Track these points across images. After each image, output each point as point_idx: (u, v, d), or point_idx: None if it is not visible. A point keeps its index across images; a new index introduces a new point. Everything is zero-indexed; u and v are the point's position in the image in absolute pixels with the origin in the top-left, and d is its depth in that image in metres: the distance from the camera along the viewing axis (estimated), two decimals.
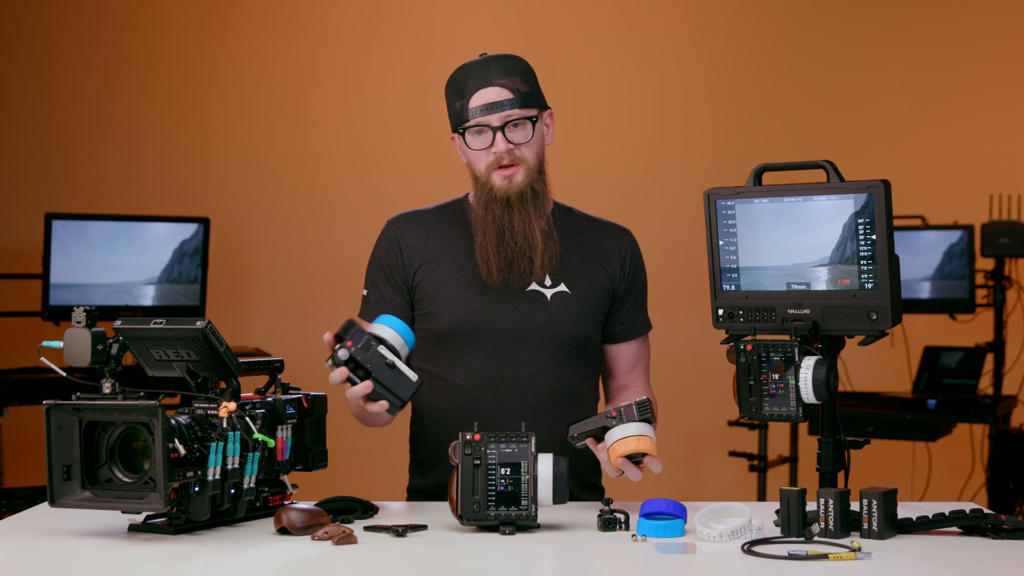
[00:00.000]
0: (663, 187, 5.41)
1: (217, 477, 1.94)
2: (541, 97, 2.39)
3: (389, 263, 2.44)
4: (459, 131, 2.36)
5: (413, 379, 2.07)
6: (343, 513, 2.08)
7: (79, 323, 1.96)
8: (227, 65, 5.49)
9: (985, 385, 4.70)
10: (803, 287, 2.00)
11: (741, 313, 2.05)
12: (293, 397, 2.17)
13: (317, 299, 5.35)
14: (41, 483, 2.38)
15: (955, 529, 1.97)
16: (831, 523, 1.93)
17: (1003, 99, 5.39)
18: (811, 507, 1.96)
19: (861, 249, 1.94)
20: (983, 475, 4.77)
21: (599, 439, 2.10)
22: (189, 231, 4.69)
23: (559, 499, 1.99)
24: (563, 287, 2.40)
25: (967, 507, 1.99)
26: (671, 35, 5.54)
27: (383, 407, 2.07)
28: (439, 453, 2.38)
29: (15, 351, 4.59)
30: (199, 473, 1.92)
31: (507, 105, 2.32)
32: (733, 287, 2.06)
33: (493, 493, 1.97)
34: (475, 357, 2.37)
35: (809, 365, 1.93)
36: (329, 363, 2.06)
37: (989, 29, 5.39)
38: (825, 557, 1.80)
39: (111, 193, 5.33)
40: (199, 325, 1.95)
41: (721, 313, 2.07)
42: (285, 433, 2.13)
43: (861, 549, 1.82)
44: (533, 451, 1.98)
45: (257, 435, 2.01)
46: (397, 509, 2.25)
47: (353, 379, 2.05)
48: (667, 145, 5.50)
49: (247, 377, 2.10)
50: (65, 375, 2.06)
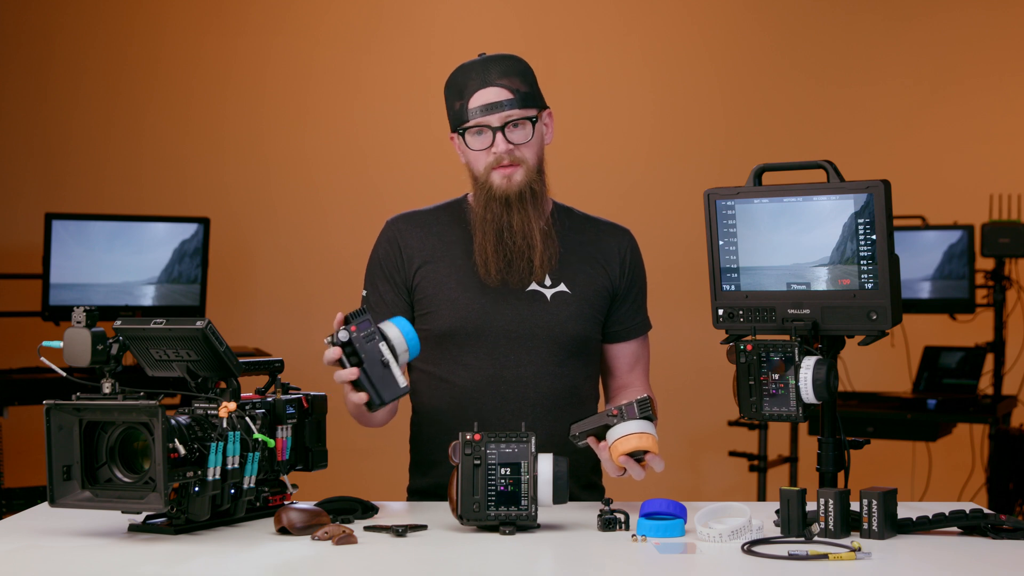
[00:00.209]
0: (663, 187, 5.41)
1: (217, 477, 1.94)
2: (540, 97, 2.39)
3: (389, 263, 2.44)
4: (459, 131, 2.36)
5: (401, 384, 2.06)
6: (343, 513, 2.08)
7: (79, 323, 1.96)
8: (227, 65, 5.49)
9: (985, 385, 4.70)
10: (803, 287, 2.00)
11: (741, 313, 2.05)
12: (293, 397, 2.17)
13: (317, 299, 5.35)
14: (41, 483, 2.38)
15: (955, 529, 1.97)
16: (831, 523, 1.93)
17: (1003, 99, 5.38)
18: (811, 507, 1.96)
19: (861, 249, 1.94)
20: (983, 475, 4.77)
21: (600, 438, 2.10)
22: (189, 231, 4.69)
23: (559, 499, 1.99)
24: (563, 287, 2.40)
25: (967, 507, 1.99)
26: (671, 35, 5.54)
27: (362, 399, 2.07)
28: (439, 453, 2.37)
29: (15, 351, 4.59)
30: (199, 473, 1.92)
31: (506, 105, 2.32)
32: (733, 287, 2.06)
33: (493, 493, 1.97)
34: (475, 357, 2.37)
35: (809, 365, 1.93)
36: (328, 340, 2.06)
37: (989, 29, 5.39)
38: (825, 557, 1.80)
39: (111, 193, 5.33)
40: (199, 325, 1.95)
41: (721, 313, 2.07)
42: (285, 433, 2.13)
43: (861, 549, 1.82)
44: (533, 451, 1.98)
45: (257, 435, 2.01)
46: (397, 509, 2.24)
47: (344, 362, 2.05)
48: (667, 145, 5.50)
49: (247, 377, 2.10)
50: (65, 375, 2.05)
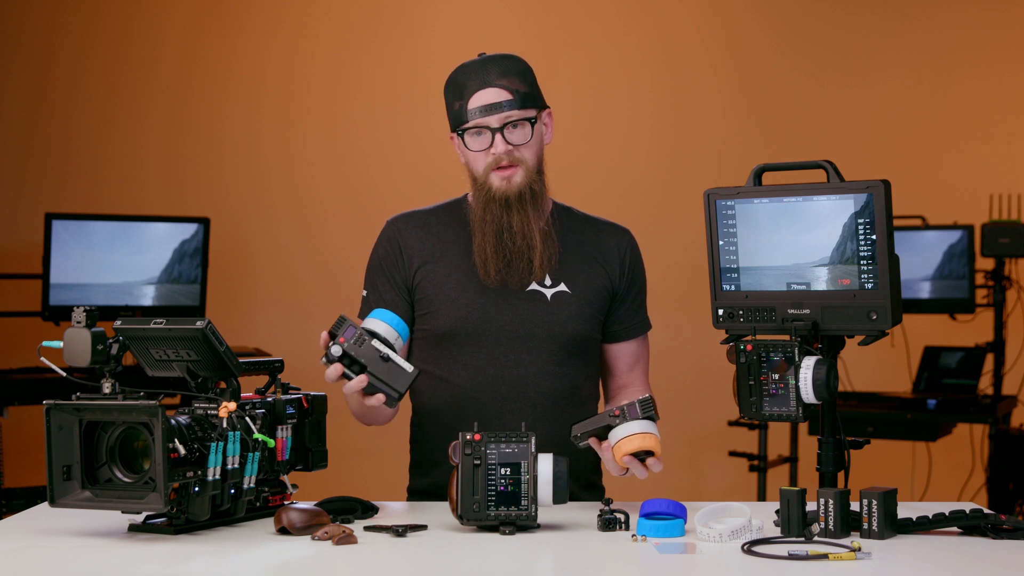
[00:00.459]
0: (663, 187, 5.41)
1: (217, 477, 1.94)
2: (540, 97, 2.39)
3: (389, 263, 2.44)
4: (458, 132, 2.36)
5: (409, 370, 2.07)
6: (343, 513, 2.08)
7: (79, 323, 1.96)
8: (227, 65, 5.49)
9: (985, 385, 4.70)
10: (803, 287, 2.00)
11: (741, 313, 2.05)
12: (293, 397, 2.17)
13: (317, 299, 5.35)
14: (41, 483, 2.38)
15: (955, 529, 1.97)
16: (831, 523, 1.93)
17: (1003, 99, 5.38)
18: (811, 507, 1.96)
19: (861, 249, 1.94)
20: (983, 475, 4.77)
21: (602, 438, 2.10)
22: (189, 231, 4.69)
23: (559, 499, 1.99)
24: (563, 287, 2.40)
25: (967, 507, 1.99)
26: (671, 35, 5.54)
27: (380, 400, 2.07)
28: (439, 453, 2.37)
29: (15, 351, 4.59)
30: (199, 473, 1.92)
31: (506, 106, 2.32)
32: (733, 287, 2.06)
33: (493, 493, 1.97)
34: (475, 357, 2.37)
35: (809, 365, 1.93)
36: (324, 361, 2.06)
37: (989, 29, 5.39)
38: (825, 557, 1.80)
39: (111, 193, 5.33)
40: (199, 325, 1.95)
41: (721, 313, 2.07)
42: (285, 433, 2.13)
43: (861, 549, 1.82)
44: (533, 451, 1.98)
45: (257, 435, 2.01)
46: (397, 509, 2.24)
47: (348, 374, 2.05)
48: (667, 145, 5.50)
49: (247, 377, 2.10)
50: (65, 375, 2.05)
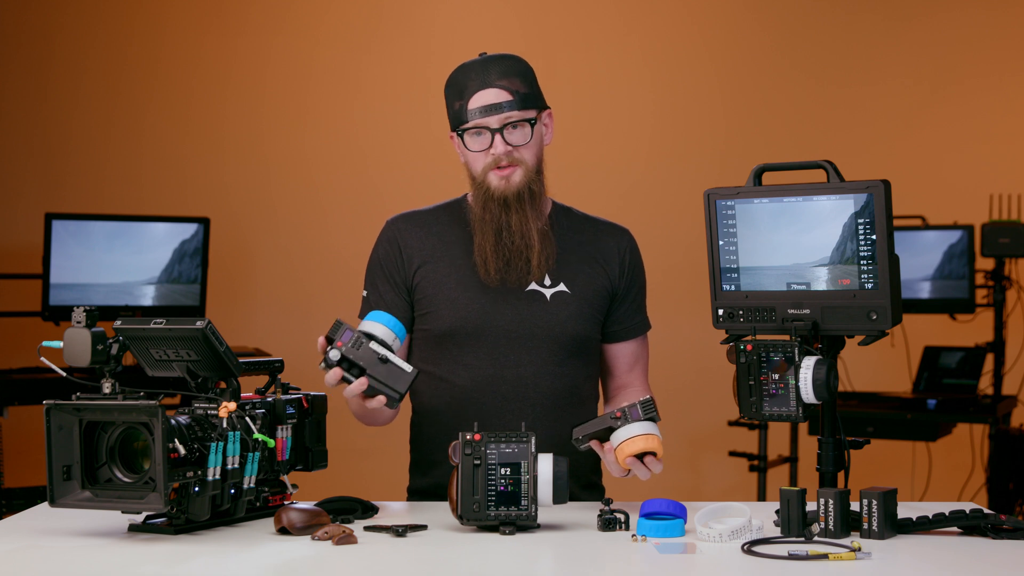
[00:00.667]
0: (663, 187, 5.41)
1: (217, 477, 1.94)
2: (540, 97, 2.39)
3: (389, 264, 2.44)
4: (458, 132, 2.36)
5: (408, 370, 2.07)
6: (343, 513, 2.08)
7: (79, 323, 1.96)
8: (227, 65, 5.49)
9: (985, 385, 4.70)
10: (803, 287, 2.00)
11: (741, 313, 2.05)
12: (293, 397, 2.17)
13: (317, 299, 5.35)
14: (41, 483, 2.38)
15: (955, 529, 1.97)
16: (831, 523, 1.93)
17: (1003, 99, 5.38)
18: (811, 507, 1.96)
19: (861, 249, 1.94)
20: (983, 475, 4.77)
21: (603, 441, 2.10)
22: (189, 231, 4.69)
23: (559, 499, 1.99)
24: (562, 287, 2.40)
25: (967, 507, 1.99)
26: (671, 35, 5.54)
27: (381, 402, 2.07)
28: (439, 453, 2.37)
29: (15, 351, 4.59)
30: (199, 473, 1.92)
31: (506, 107, 2.32)
32: (733, 287, 2.06)
33: (493, 493, 1.97)
34: (475, 357, 2.37)
35: (809, 365, 1.93)
36: (323, 365, 2.06)
37: (989, 29, 5.39)
38: (825, 557, 1.80)
39: (111, 193, 5.32)
40: (199, 325, 1.95)
41: (721, 313, 2.07)
42: (285, 433, 2.13)
43: (861, 549, 1.82)
44: (533, 451, 1.98)
45: (257, 435, 2.01)
46: (397, 509, 2.24)
47: (348, 378, 2.05)
48: (667, 145, 5.50)
49: (247, 377, 2.10)
50: (65, 375, 2.05)
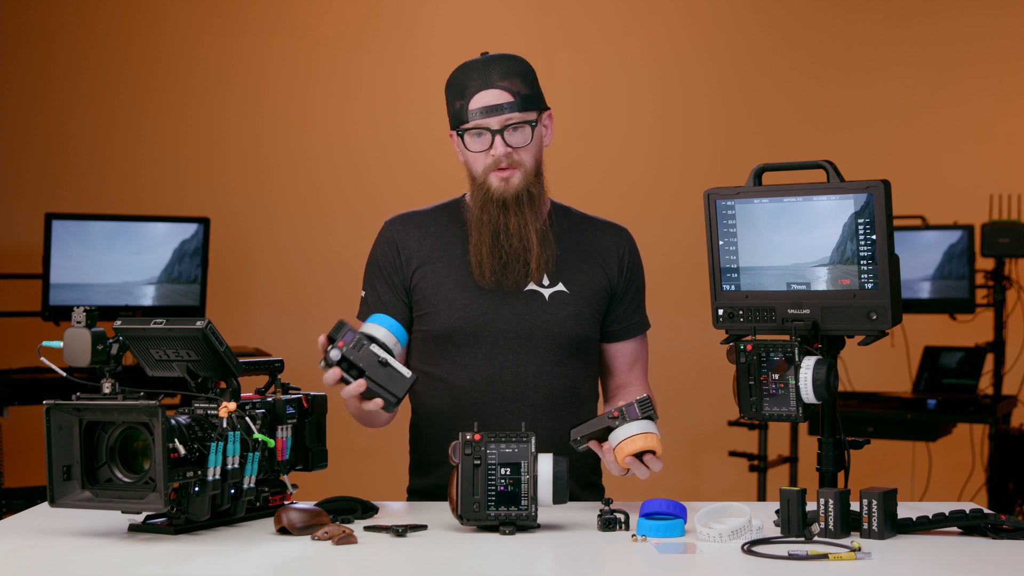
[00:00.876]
0: (663, 187, 5.41)
1: (217, 477, 1.94)
2: (541, 98, 2.38)
3: (387, 264, 2.44)
4: (458, 133, 2.36)
5: (407, 375, 2.07)
6: (343, 513, 2.08)
7: (79, 323, 1.96)
8: (227, 65, 5.49)
9: (985, 385, 4.70)
10: (803, 287, 2.00)
11: (741, 313, 2.05)
12: (293, 397, 2.17)
13: (317, 299, 5.35)
14: (41, 483, 2.38)
15: (955, 529, 1.97)
16: (831, 523, 1.93)
17: (1003, 99, 5.38)
18: (811, 507, 1.96)
19: (861, 249, 1.94)
20: (983, 475, 4.77)
21: (601, 440, 2.10)
22: (189, 231, 4.69)
23: (559, 499, 1.99)
24: (561, 287, 2.40)
25: (967, 507, 1.99)
26: (671, 35, 5.54)
27: (378, 405, 2.07)
28: (439, 454, 2.37)
29: (15, 351, 4.59)
30: (199, 473, 1.92)
31: (506, 108, 2.31)
32: (733, 287, 2.06)
33: (493, 493, 1.97)
34: (474, 358, 2.37)
35: (809, 365, 1.93)
36: (322, 364, 2.06)
37: (989, 29, 5.39)
38: (825, 557, 1.80)
39: (111, 193, 5.32)
40: (199, 325, 1.95)
41: (721, 313, 2.07)
42: (285, 433, 2.13)
43: (861, 549, 1.82)
44: (533, 451, 1.98)
45: (257, 435, 2.01)
46: (397, 509, 2.24)
47: (347, 379, 2.05)
48: (667, 145, 5.50)
49: (247, 377, 2.10)
50: (65, 375, 2.05)
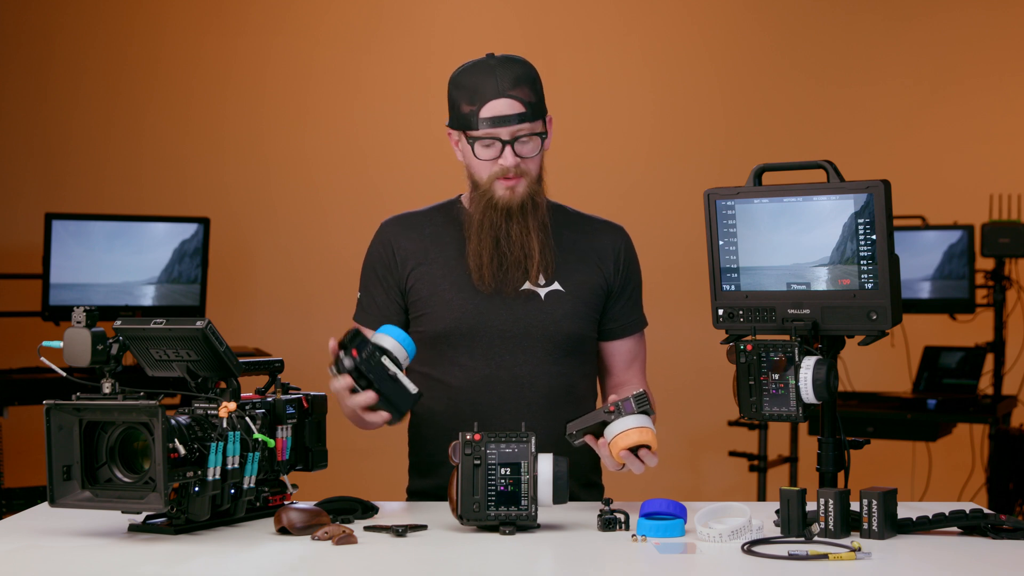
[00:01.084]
0: (663, 187, 5.41)
1: (217, 477, 1.94)
2: (545, 104, 2.38)
3: (381, 266, 2.44)
4: (468, 140, 2.34)
5: (412, 391, 2.09)
6: (343, 513, 2.08)
7: (79, 323, 1.96)
8: (227, 65, 5.49)
9: (985, 385, 4.70)
10: (803, 287, 2.00)
11: (741, 313, 2.05)
12: (293, 397, 2.17)
13: (317, 299, 5.35)
14: (41, 483, 2.38)
15: (955, 529, 1.97)
16: (831, 523, 1.93)
17: (1003, 99, 5.38)
18: (811, 507, 1.96)
19: (861, 249, 1.94)
20: (983, 475, 4.77)
21: (598, 435, 2.10)
22: (189, 231, 4.69)
23: (559, 499, 1.99)
24: (557, 286, 2.40)
25: (967, 507, 1.99)
26: (671, 35, 5.54)
27: (383, 418, 2.08)
28: (438, 455, 2.37)
29: (15, 351, 4.59)
30: (199, 473, 1.92)
31: (518, 119, 2.30)
32: (733, 287, 2.06)
33: (493, 493, 1.97)
34: (471, 358, 2.37)
35: (809, 365, 1.93)
36: (333, 370, 2.06)
37: (989, 29, 5.39)
38: (825, 557, 1.80)
39: (111, 193, 5.32)
40: (199, 325, 1.95)
41: (721, 313, 2.07)
42: (285, 433, 2.13)
43: (861, 549, 1.82)
44: (533, 451, 1.98)
45: (257, 435, 2.01)
46: (397, 509, 2.24)
47: (357, 388, 2.06)
48: (667, 145, 5.50)
49: (247, 377, 2.10)
50: (65, 375, 2.05)
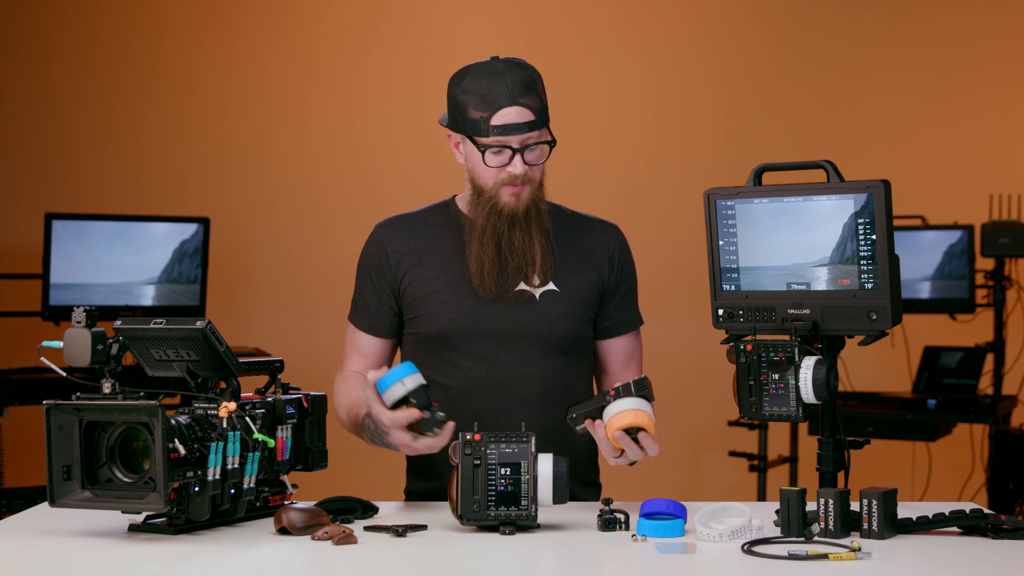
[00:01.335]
0: (663, 187, 5.41)
1: (217, 477, 1.94)
2: (548, 109, 2.37)
3: (374, 268, 2.44)
4: (480, 148, 2.33)
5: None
6: (343, 513, 2.08)
7: (79, 323, 1.96)
8: (227, 65, 5.49)
9: (985, 385, 4.70)
10: (803, 287, 2.00)
11: (741, 313, 2.05)
12: (293, 397, 2.17)
13: (317, 299, 5.35)
14: (41, 483, 2.38)
15: (955, 529, 1.97)
16: (831, 523, 1.93)
17: (1003, 99, 5.38)
18: (811, 507, 1.96)
19: (861, 249, 1.94)
20: (983, 475, 4.77)
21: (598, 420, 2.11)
22: (189, 231, 4.69)
23: (559, 499, 1.99)
24: (552, 286, 2.39)
25: (967, 507, 1.99)
26: (671, 35, 5.54)
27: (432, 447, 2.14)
28: (436, 456, 2.36)
29: (15, 351, 4.59)
30: (199, 473, 1.92)
31: (528, 127, 2.29)
32: (733, 287, 2.06)
33: (493, 493, 1.97)
34: (466, 359, 2.37)
35: (809, 365, 1.93)
36: (436, 429, 2.09)
37: (989, 29, 5.39)
38: (825, 557, 1.80)
39: (111, 193, 5.32)
40: (199, 325, 1.95)
41: (721, 313, 2.07)
42: (285, 433, 2.13)
43: (861, 549, 1.82)
44: (533, 451, 1.98)
45: (257, 435, 2.02)
46: (397, 509, 2.24)
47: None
48: (667, 145, 5.50)
49: (247, 377, 2.10)
50: (65, 375, 2.05)
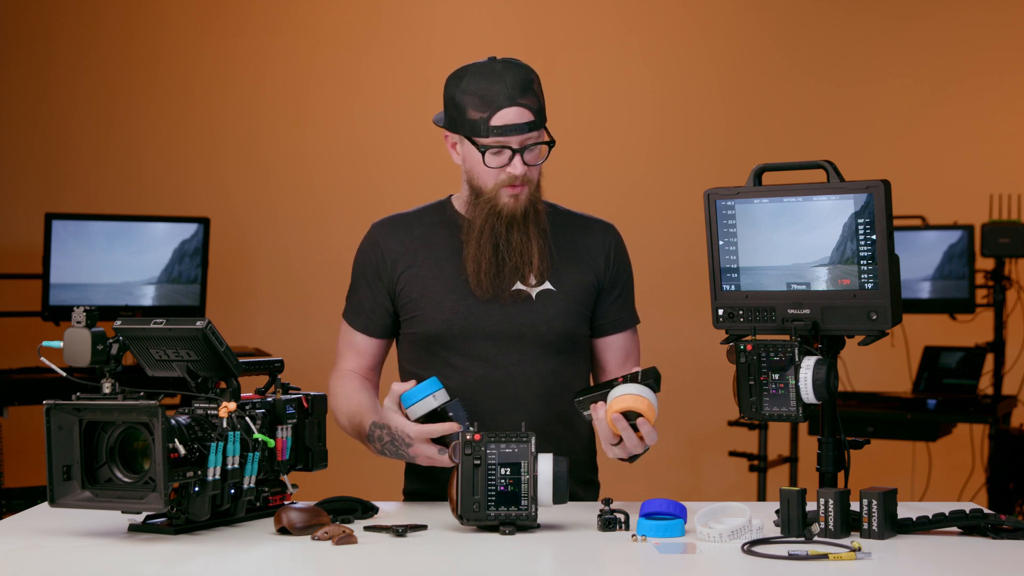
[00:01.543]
0: (663, 187, 5.41)
1: (217, 477, 1.94)
2: (545, 109, 2.37)
3: (370, 269, 2.44)
4: (480, 148, 2.33)
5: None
6: (343, 513, 2.08)
7: (79, 323, 1.96)
8: (227, 65, 5.49)
9: (985, 385, 4.70)
10: (803, 287, 2.00)
11: (741, 313, 2.05)
12: (293, 397, 2.17)
13: (317, 299, 5.34)
14: (41, 483, 2.38)
15: (955, 529, 1.97)
16: (831, 523, 1.93)
17: (1003, 99, 5.38)
18: (811, 507, 1.96)
19: (861, 249, 1.94)
20: (983, 475, 4.77)
21: None
22: (189, 231, 4.69)
23: (559, 499, 1.99)
24: (548, 285, 2.39)
25: (967, 507, 1.99)
26: (671, 35, 5.54)
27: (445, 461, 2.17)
28: None
29: (15, 351, 4.59)
30: (199, 473, 1.92)
31: (528, 128, 2.29)
32: (733, 287, 2.06)
33: (493, 493, 1.97)
34: (463, 359, 2.36)
35: (809, 365, 1.93)
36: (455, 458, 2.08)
37: (989, 29, 5.39)
38: (825, 557, 1.80)
39: (111, 193, 5.33)
40: (199, 325, 1.95)
41: (721, 313, 2.07)
42: (285, 433, 2.13)
43: (861, 549, 1.82)
44: (533, 451, 1.98)
45: (257, 435, 2.02)
46: (397, 509, 2.24)
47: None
48: (667, 145, 5.50)
49: (247, 377, 2.10)
50: (65, 375, 2.05)
